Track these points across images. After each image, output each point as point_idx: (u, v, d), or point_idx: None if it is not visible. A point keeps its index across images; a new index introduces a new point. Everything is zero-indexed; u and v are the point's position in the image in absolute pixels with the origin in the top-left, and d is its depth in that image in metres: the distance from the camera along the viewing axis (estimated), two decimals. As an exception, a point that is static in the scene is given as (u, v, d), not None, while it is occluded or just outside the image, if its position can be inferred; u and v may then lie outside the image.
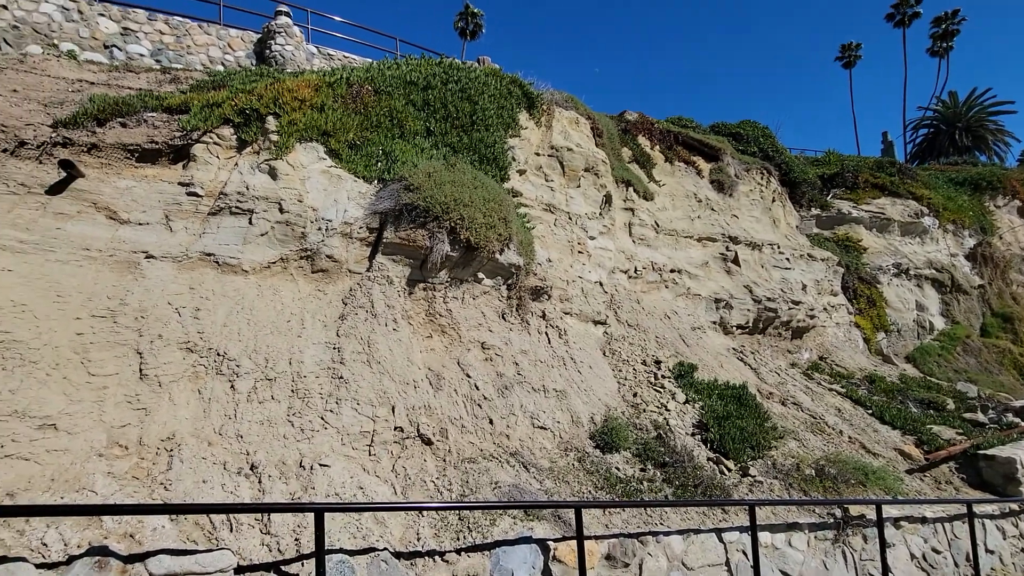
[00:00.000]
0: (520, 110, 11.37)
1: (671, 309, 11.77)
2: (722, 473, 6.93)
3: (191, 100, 7.98)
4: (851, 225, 21.16)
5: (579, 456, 6.52)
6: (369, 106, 8.82)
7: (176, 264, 6.30)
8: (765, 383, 10.99)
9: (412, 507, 4.62)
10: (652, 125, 16.36)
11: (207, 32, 11.92)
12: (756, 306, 13.35)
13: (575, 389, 7.72)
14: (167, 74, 10.11)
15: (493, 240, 7.37)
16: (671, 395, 8.38)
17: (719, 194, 16.01)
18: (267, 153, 7.41)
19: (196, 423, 4.95)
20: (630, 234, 12.62)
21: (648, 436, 7.23)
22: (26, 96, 7.95)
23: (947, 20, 38.97)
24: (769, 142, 21.05)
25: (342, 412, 5.55)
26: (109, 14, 10.84)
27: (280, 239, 6.93)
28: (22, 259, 5.57)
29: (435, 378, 6.54)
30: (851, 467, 7.99)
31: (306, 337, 6.18)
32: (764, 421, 8.58)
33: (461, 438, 6.11)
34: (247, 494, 4.51)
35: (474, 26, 43.02)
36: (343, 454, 5.27)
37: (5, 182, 6.26)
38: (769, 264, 15.20)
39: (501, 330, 7.65)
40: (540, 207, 10.86)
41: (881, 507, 6.44)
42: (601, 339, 9.76)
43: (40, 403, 4.36)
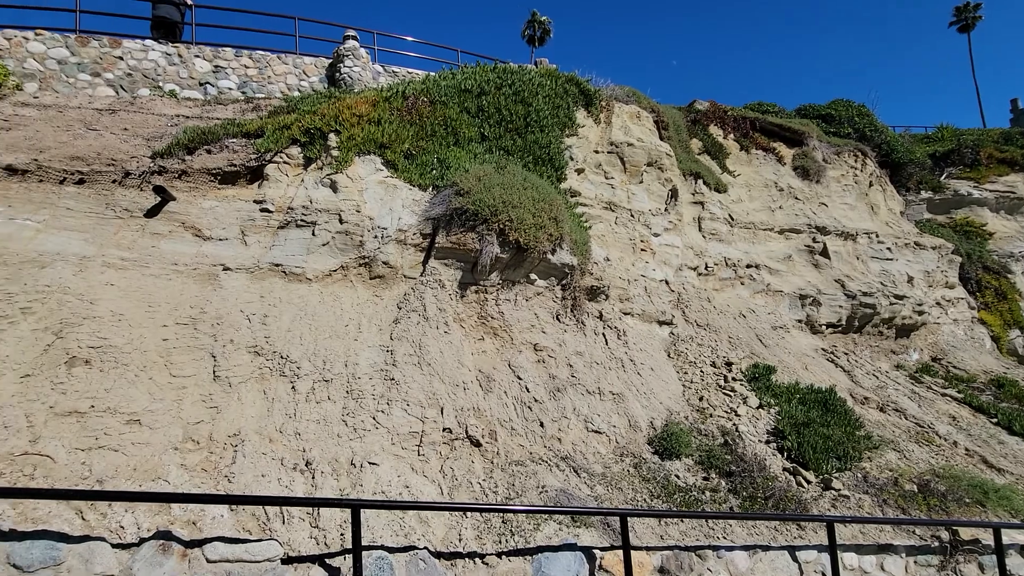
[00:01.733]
0: (577, 108, 11.19)
1: (747, 307, 10.94)
2: (800, 485, 6.27)
3: (265, 125, 8.67)
4: (972, 208, 18.60)
5: (635, 462, 6.21)
6: (424, 116, 9.10)
7: (249, 275, 6.85)
8: (860, 387, 9.86)
9: (447, 507, 4.63)
10: (725, 113, 15.40)
11: (284, 62, 12.96)
12: (849, 302, 12.04)
13: (634, 392, 7.39)
14: (250, 103, 11.11)
15: (543, 240, 7.27)
16: (742, 399, 7.75)
17: (804, 181, 14.70)
18: (329, 168, 7.87)
19: (260, 421, 5.32)
20: (700, 229, 11.92)
21: (714, 443, 6.72)
22: (134, 133, 9.05)
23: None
24: (865, 121, 19.04)
25: (393, 413, 5.71)
26: (203, 55, 12.13)
27: (340, 248, 7.32)
28: (123, 275, 6.32)
29: (485, 380, 6.55)
30: (965, 483, 6.92)
31: (362, 340, 6.44)
32: (855, 429, 7.68)
33: (510, 440, 6.05)
34: (300, 489, 4.76)
35: (541, 32, 43.30)
36: (392, 453, 5.41)
37: (113, 208, 7.17)
38: (866, 255, 13.67)
39: (555, 331, 7.51)
40: (600, 205, 10.60)
41: (1000, 531, 5.50)
42: (666, 340, 9.28)
43: (128, 401, 4.91)
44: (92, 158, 7.78)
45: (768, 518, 5.39)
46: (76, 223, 6.78)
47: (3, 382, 4.74)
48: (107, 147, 8.20)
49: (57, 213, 6.82)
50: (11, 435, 4.33)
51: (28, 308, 5.44)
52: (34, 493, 3.51)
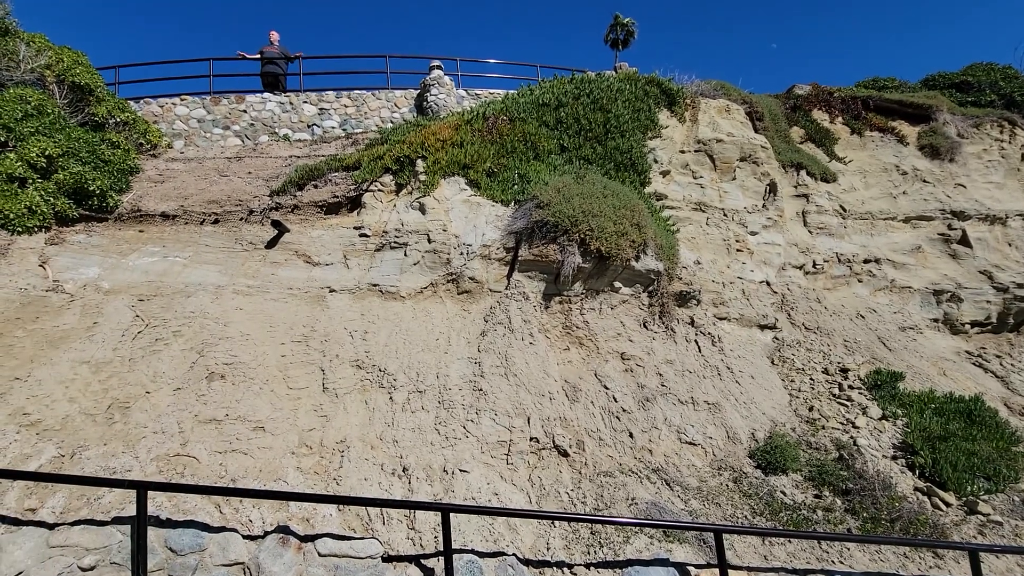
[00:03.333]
0: (659, 109, 10.90)
1: (866, 307, 9.82)
2: (935, 508, 5.47)
3: (361, 157, 9.49)
4: None
5: (734, 476, 5.82)
6: (504, 134, 9.40)
7: (351, 295, 7.51)
8: (1018, 395, 8.39)
9: (534, 515, 4.67)
10: (830, 95, 14.07)
11: (378, 97, 14.10)
12: (999, 296, 10.33)
13: (732, 402, 6.94)
14: (349, 139, 12.24)
15: (625, 247, 7.16)
16: (861, 409, 6.95)
17: (933, 161, 12.93)
18: (417, 192, 8.41)
19: (362, 429, 5.80)
20: (805, 224, 10.96)
21: (827, 457, 6.09)
22: (256, 175, 10.33)
23: None
24: (1014, 84, 16.31)
25: (481, 422, 5.92)
26: (309, 100, 13.58)
27: (429, 266, 7.76)
28: (248, 300, 7.24)
29: (571, 390, 6.55)
30: None
31: (451, 353, 6.77)
32: (1011, 444, 6.55)
33: (598, 451, 5.98)
34: (398, 492, 5.10)
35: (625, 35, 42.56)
36: (482, 461, 5.61)
37: (240, 242, 8.25)
38: (1020, 240, 11.66)
39: (642, 339, 7.32)
40: (688, 207, 10.18)
41: None
42: (769, 345, 8.61)
43: (254, 410, 5.60)
44: (223, 200, 9.03)
45: (894, 543, 4.77)
46: (212, 257, 7.90)
47: (161, 395, 5.64)
48: (235, 190, 9.48)
49: (199, 250, 8.00)
50: (167, 439, 5.14)
51: (178, 331, 6.43)
52: (185, 488, 4.14)
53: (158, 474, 4.72)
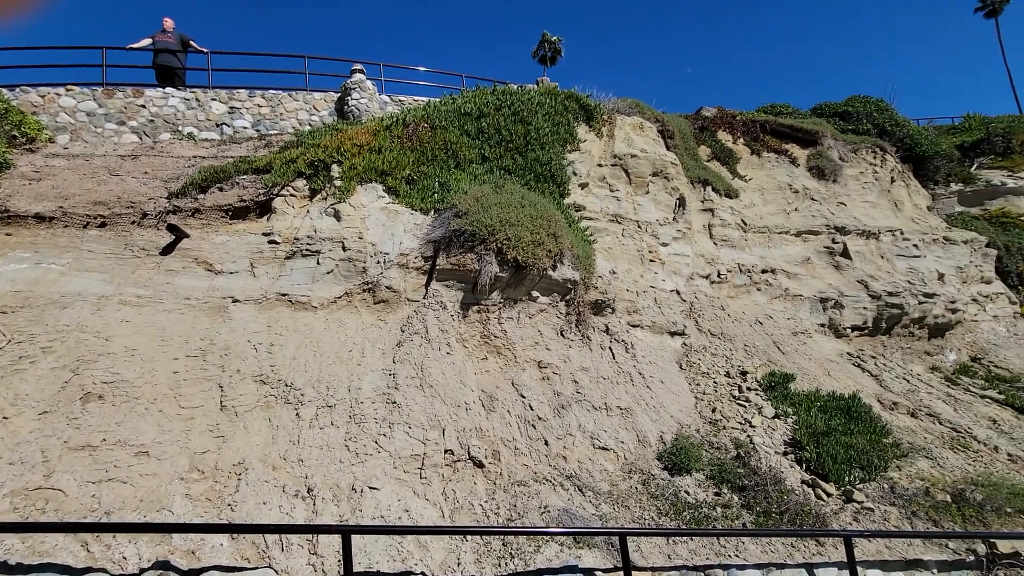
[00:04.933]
0: (578, 124, 11.27)
1: (764, 314, 10.64)
2: (818, 499, 5.98)
3: (273, 160, 9.00)
4: (1007, 198, 17.79)
5: (643, 479, 6.05)
6: (425, 142, 9.30)
7: (257, 305, 7.06)
8: (889, 392, 9.41)
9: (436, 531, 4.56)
10: (733, 118, 15.24)
11: (295, 99, 13.48)
12: (874, 303, 11.58)
13: (643, 406, 7.23)
14: (262, 140, 11.57)
15: (542, 257, 7.28)
16: (757, 409, 7.49)
17: (820, 181, 14.35)
18: (332, 198, 8.10)
19: (264, 449, 5.43)
20: (711, 236, 11.72)
21: (726, 456, 6.50)
22: (153, 176, 9.50)
23: None
24: (886, 116, 18.55)
25: (395, 436, 5.74)
26: (219, 98, 12.73)
27: (344, 275, 7.48)
28: (138, 311, 6.60)
29: (488, 399, 6.53)
30: (1006, 492, 6.48)
31: (365, 365, 6.53)
32: (882, 437, 7.32)
33: (514, 460, 5.99)
34: (301, 515, 4.81)
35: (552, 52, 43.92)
36: (394, 477, 5.43)
37: (131, 248, 7.52)
38: (890, 253, 13.17)
39: (559, 348, 7.46)
40: (606, 218, 10.56)
41: (1043, 543, 5.12)
42: (678, 351, 9.08)
43: (138, 433, 5.08)
44: (113, 202, 8.21)
45: (780, 534, 5.15)
46: (96, 264, 7.14)
47: (22, 419, 4.97)
48: (127, 191, 8.65)
49: (80, 256, 7.20)
50: (27, 470, 4.53)
51: (48, 347, 5.72)
52: (39, 527, 3.65)
53: (12, 512, 4.14)
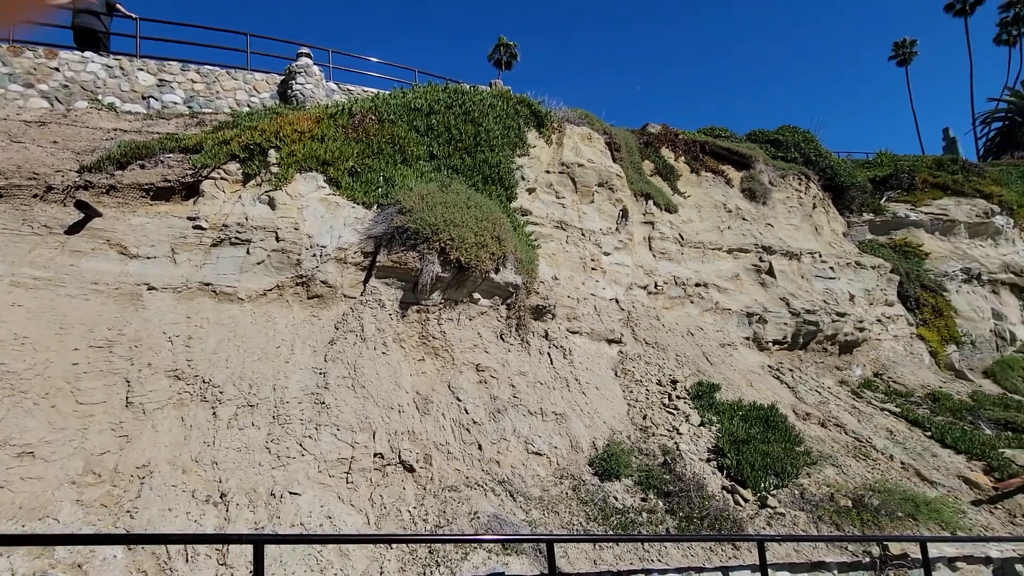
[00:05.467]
0: (529, 129, 11.33)
1: (696, 325, 11.13)
2: (737, 504, 6.29)
3: (205, 140, 8.42)
4: (909, 229, 19.57)
5: (574, 484, 6.12)
6: (371, 134, 9.02)
7: (176, 294, 6.54)
8: (803, 403, 10.09)
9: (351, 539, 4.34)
10: (676, 136, 15.88)
11: (234, 78, 12.71)
12: (794, 319, 12.41)
13: (577, 412, 7.33)
14: (194, 118, 10.80)
15: (485, 259, 7.23)
16: (685, 417, 7.80)
17: (751, 203, 15.22)
18: (268, 185, 7.67)
19: (174, 450, 5.01)
20: (650, 248, 12.13)
21: (654, 462, 6.71)
22: (64, 146, 8.63)
23: (1018, 3, 36.09)
24: (811, 147, 19.96)
25: (321, 438, 5.48)
26: (147, 68, 11.77)
27: (276, 267, 7.08)
28: (33, 295, 5.93)
29: (423, 402, 6.38)
30: (898, 497, 7.09)
31: (293, 363, 6.20)
32: (795, 445, 7.81)
33: (446, 465, 5.88)
34: (211, 523, 4.47)
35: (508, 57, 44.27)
36: (318, 482, 5.17)
37: (30, 224, 6.76)
38: (810, 274, 14.17)
39: (498, 351, 7.42)
40: (551, 225, 10.67)
41: (926, 544, 5.62)
42: (614, 359, 9.31)
43: (22, 432, 4.54)
44: (12, 171, 7.36)
45: (700, 539, 5.35)
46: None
47: None
48: (30, 160, 7.79)
49: (-36, 229, 6.40)
50: None
51: (-83, 332, 5.02)
52: None
53: None
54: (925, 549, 5.62)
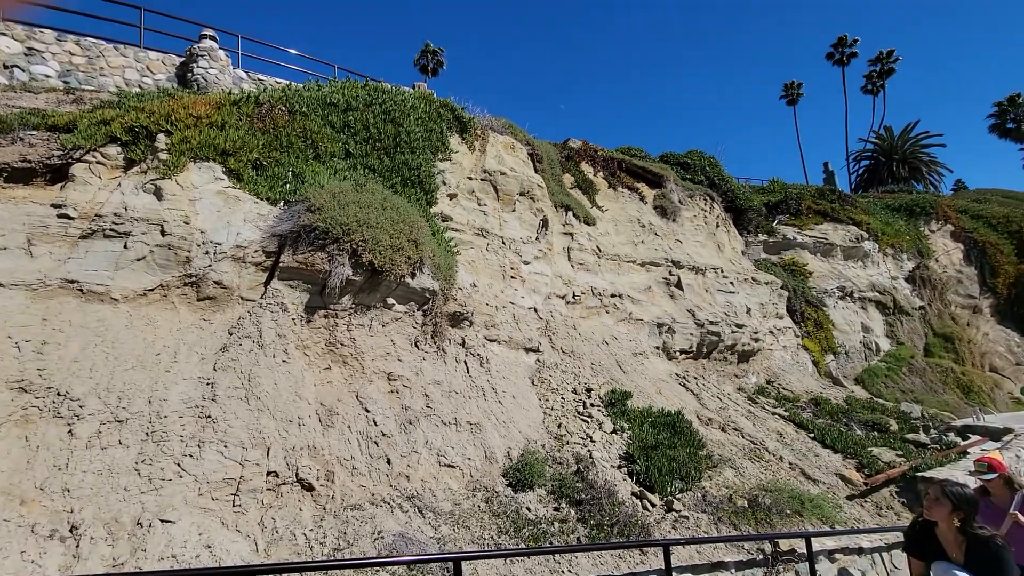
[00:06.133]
0: (452, 134, 11.15)
1: (611, 335, 11.45)
2: (645, 509, 6.45)
3: (79, 118, 7.40)
4: (796, 250, 21.61)
5: (487, 497, 5.94)
6: (280, 126, 8.40)
7: (30, 293, 5.60)
8: (706, 409, 10.68)
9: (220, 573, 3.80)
10: (596, 152, 16.44)
11: (124, 55, 11.38)
12: (699, 330, 13.18)
13: (493, 421, 7.19)
14: (70, 95, 9.49)
15: (401, 263, 6.92)
16: (598, 424, 7.93)
17: (663, 220, 16.07)
18: (155, 173, 6.86)
19: (13, 476, 4.22)
20: (569, 259, 12.37)
21: (568, 471, 6.71)
22: None
23: (883, 60, 41.66)
24: (715, 171, 21.54)
25: (204, 457, 4.88)
26: (12, 34, 10.22)
27: (160, 264, 6.31)
28: None
29: (327, 414, 5.92)
30: (787, 496, 7.63)
31: (176, 372, 5.51)
32: (698, 449, 8.19)
33: (350, 481, 5.47)
34: (55, 562, 3.78)
35: (435, 63, 43.91)
36: (198, 506, 4.58)
37: None
38: (713, 288, 15.17)
39: (412, 359, 7.11)
40: (471, 231, 10.53)
41: (811, 539, 6.02)
42: (532, 367, 9.30)
43: None
44: None
45: (607, 547, 5.37)
46: None
47: None
48: None
49: None
50: None
51: None
52: None
53: None
54: (810, 544, 6.03)
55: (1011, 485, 3.73)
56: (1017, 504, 3.65)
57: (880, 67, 41.67)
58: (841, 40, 41.64)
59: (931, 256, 23.78)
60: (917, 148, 38.45)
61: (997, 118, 41.80)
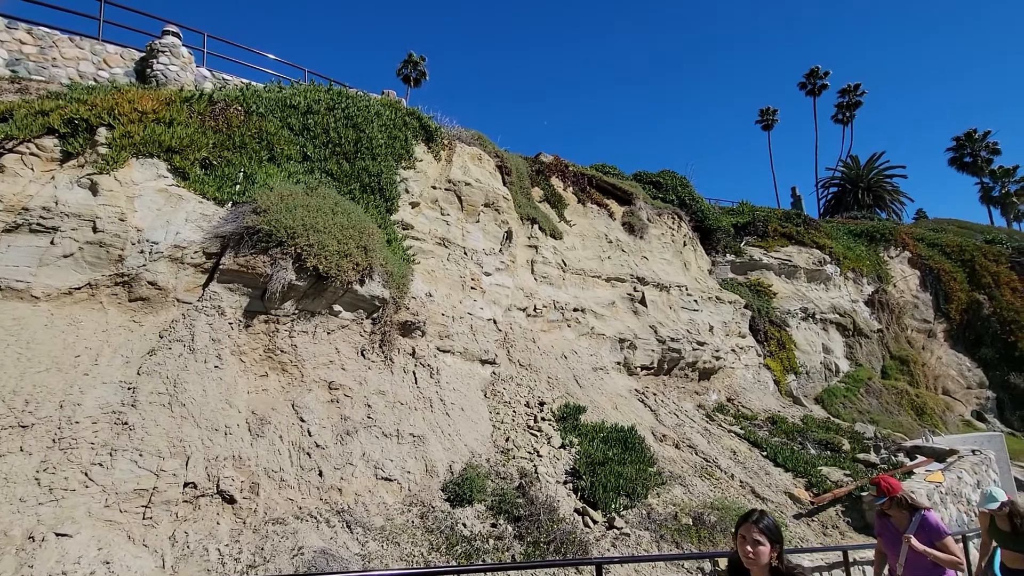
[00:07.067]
0: (417, 142, 11.09)
1: (571, 349, 11.41)
2: (587, 526, 6.35)
3: (16, 108, 7.09)
4: (762, 271, 22.07)
5: (423, 511, 5.77)
6: (234, 126, 8.21)
7: (-61, 287, 5.28)
8: (662, 425, 10.69)
9: None
10: (566, 168, 16.56)
11: (79, 46, 11.04)
12: (660, 346, 13.25)
13: (438, 434, 7.03)
14: (16, 84, 9.13)
15: (348, 269, 6.76)
16: (547, 439, 7.83)
17: (630, 236, 16.22)
18: (92, 167, 6.60)
19: None
20: (532, 272, 12.34)
21: (510, 486, 6.58)
22: None
23: (851, 92, 43.46)
24: (686, 191, 21.95)
25: (116, 466, 4.62)
26: (-44, 18, 9.84)
27: (90, 262, 6.04)
28: None
29: (258, 423, 5.69)
30: (733, 514, 7.61)
31: (96, 375, 5.24)
32: (649, 466, 8.15)
33: (277, 494, 5.25)
34: (-73, 578, 3.49)
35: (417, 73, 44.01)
36: (103, 519, 4.32)
37: None
38: (677, 305, 15.32)
39: (357, 368, 6.93)
40: (433, 241, 10.42)
41: (749, 559, 6.01)
42: (487, 379, 9.18)
43: None
44: None
45: (539, 565, 5.19)
46: None
47: None
48: None
49: None
50: None
51: None
52: None
53: None
54: (748, 563, 6.01)
55: (909, 507, 3.72)
56: (914, 527, 3.63)
57: (848, 99, 43.44)
58: (813, 71, 43.30)
59: (889, 281, 24.55)
60: (881, 177, 39.96)
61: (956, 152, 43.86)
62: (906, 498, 3.72)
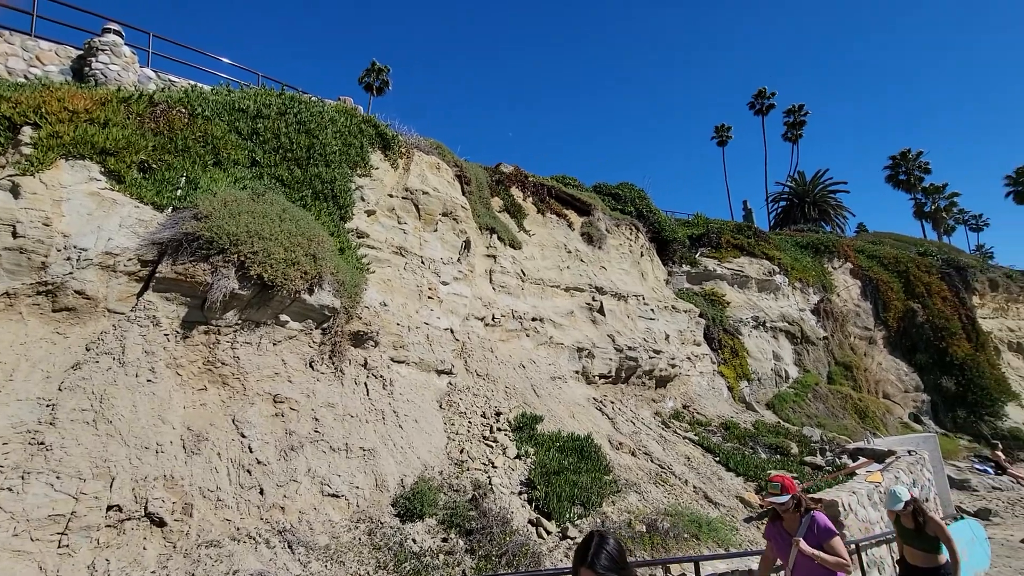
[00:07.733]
0: (373, 150, 10.93)
1: (529, 358, 11.40)
2: (540, 537, 6.29)
3: (-71, 103, 6.58)
4: (716, 281, 22.75)
5: (371, 528, 5.58)
6: (177, 128, 7.87)
7: None
8: (619, 433, 10.78)
9: None
10: (526, 178, 16.67)
11: (8, 41, 10.38)
12: (618, 355, 13.42)
13: (390, 447, 6.85)
14: (-68, 78, 8.50)
15: (296, 278, 6.55)
16: (502, 449, 7.76)
17: (589, 246, 16.43)
18: (14, 168, 6.17)
19: None
20: (491, 281, 12.31)
21: (462, 499, 6.46)
22: None
23: (795, 112, 45.88)
24: (644, 203, 22.46)
25: (29, 490, 4.26)
26: None
27: (8, 269, 5.61)
28: None
29: (194, 440, 5.39)
30: (686, 520, 7.73)
31: (9, 392, 4.84)
32: (604, 474, 8.18)
33: (212, 515, 4.97)
34: None
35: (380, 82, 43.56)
36: (11, 549, 3.96)
37: None
38: (635, 314, 15.59)
39: (304, 380, 6.69)
40: (390, 250, 10.25)
41: (699, 564, 6.08)
42: (442, 390, 9.04)
43: None
44: None
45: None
46: None
47: None
48: None
49: None
50: None
51: None
52: None
53: None
54: (698, 568, 6.07)
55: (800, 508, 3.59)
56: (803, 529, 3.53)
57: (793, 119, 45.83)
58: (761, 92, 45.46)
59: (833, 291, 25.78)
60: (826, 193, 42.12)
61: (892, 170, 46.77)
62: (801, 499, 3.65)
